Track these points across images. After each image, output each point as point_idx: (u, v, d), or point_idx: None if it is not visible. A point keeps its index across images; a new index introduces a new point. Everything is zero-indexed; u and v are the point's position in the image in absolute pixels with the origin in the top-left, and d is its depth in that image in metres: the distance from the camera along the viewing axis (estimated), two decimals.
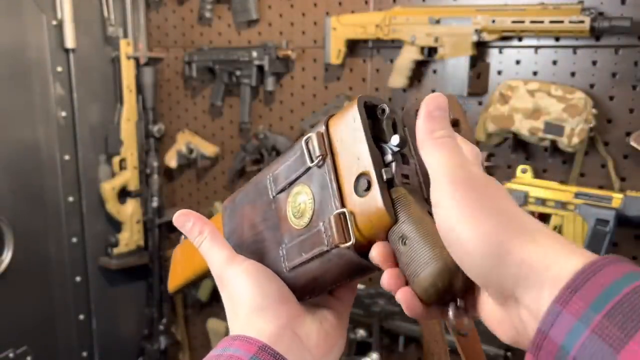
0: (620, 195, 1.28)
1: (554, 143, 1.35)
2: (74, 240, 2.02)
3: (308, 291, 0.47)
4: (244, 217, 0.50)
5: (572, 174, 1.38)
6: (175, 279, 0.61)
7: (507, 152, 1.45)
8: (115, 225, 2.13)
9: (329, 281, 0.45)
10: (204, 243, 0.49)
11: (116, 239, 2.11)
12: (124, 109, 2.04)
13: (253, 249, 0.49)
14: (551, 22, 1.29)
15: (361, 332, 1.72)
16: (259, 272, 0.46)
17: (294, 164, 0.46)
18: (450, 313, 0.38)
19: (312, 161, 0.44)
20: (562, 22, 1.28)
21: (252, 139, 1.89)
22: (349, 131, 0.42)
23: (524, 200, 1.40)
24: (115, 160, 2.05)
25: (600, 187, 1.35)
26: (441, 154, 0.37)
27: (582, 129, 1.29)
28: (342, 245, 0.41)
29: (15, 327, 1.85)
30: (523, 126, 1.36)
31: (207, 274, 0.56)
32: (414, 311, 0.39)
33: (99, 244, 2.10)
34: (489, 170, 1.51)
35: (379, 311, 1.66)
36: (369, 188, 0.40)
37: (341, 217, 0.41)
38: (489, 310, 0.37)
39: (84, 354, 2.11)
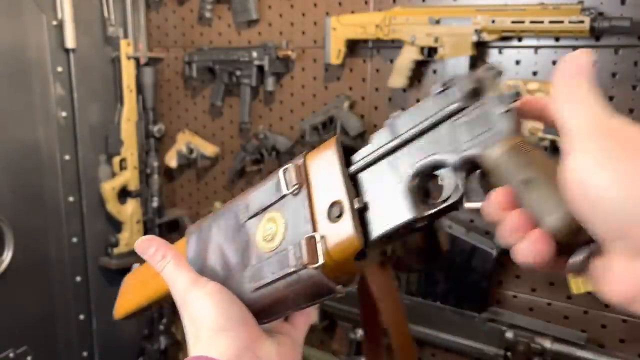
0: None
1: (553, 143, 1.35)
2: (74, 240, 2.02)
3: (269, 313, 0.48)
4: (210, 243, 0.51)
5: None
6: (124, 305, 0.61)
7: None
8: (116, 225, 2.13)
9: (292, 303, 0.46)
10: (167, 267, 0.50)
11: (116, 238, 2.11)
12: (124, 109, 2.04)
13: (217, 272, 0.50)
14: (551, 22, 1.29)
15: (361, 332, 1.72)
16: (222, 294, 0.47)
17: (269, 192, 0.48)
18: (582, 256, 0.37)
19: (287, 189, 0.47)
20: (562, 22, 1.28)
21: (252, 139, 1.89)
22: (325, 164, 0.46)
23: None
24: (116, 160, 2.05)
25: None
26: (581, 105, 0.36)
27: None
28: (311, 266, 0.43)
29: (15, 327, 1.86)
30: (522, 126, 1.35)
31: (160, 301, 0.57)
32: (542, 256, 0.37)
33: (99, 243, 2.10)
34: None
35: None
36: (340, 215, 0.43)
37: (312, 239, 0.43)
38: (605, 265, 0.36)
39: (84, 353, 2.11)
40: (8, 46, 1.75)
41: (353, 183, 0.45)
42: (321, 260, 0.43)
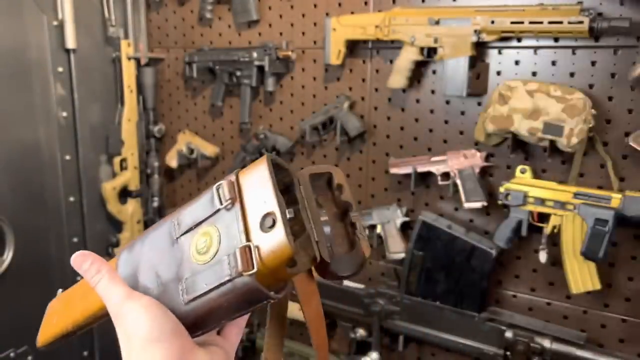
0: (619, 195, 1.29)
1: (553, 143, 1.35)
2: (75, 240, 2.03)
3: (202, 325, 0.50)
4: (141, 261, 0.52)
5: (571, 174, 1.38)
6: (48, 331, 0.60)
7: (506, 153, 1.46)
8: (116, 225, 2.13)
9: (226, 312, 0.48)
10: (101, 282, 0.51)
11: (117, 238, 2.11)
12: (125, 109, 2.04)
13: (149, 288, 0.51)
14: (550, 22, 1.30)
15: (361, 332, 1.72)
16: (156, 307, 0.48)
17: (202, 207, 0.50)
18: None
19: (221, 204, 0.48)
20: (561, 22, 1.28)
21: (252, 139, 1.89)
22: (257, 179, 0.48)
23: (523, 200, 1.40)
24: (116, 160, 2.06)
25: (600, 187, 1.36)
26: None
27: (581, 129, 1.30)
28: (246, 274, 0.45)
29: (16, 327, 1.86)
30: (522, 126, 1.36)
31: (86, 324, 0.57)
32: None
33: (99, 243, 2.10)
34: (488, 171, 1.51)
35: (379, 311, 1.66)
36: (273, 225, 0.45)
37: (246, 249, 0.45)
38: None
39: (85, 353, 2.11)
40: (9, 46, 1.76)
41: (286, 195, 0.48)
42: (255, 268, 0.45)
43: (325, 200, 0.55)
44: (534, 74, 1.42)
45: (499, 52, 1.46)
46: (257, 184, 0.48)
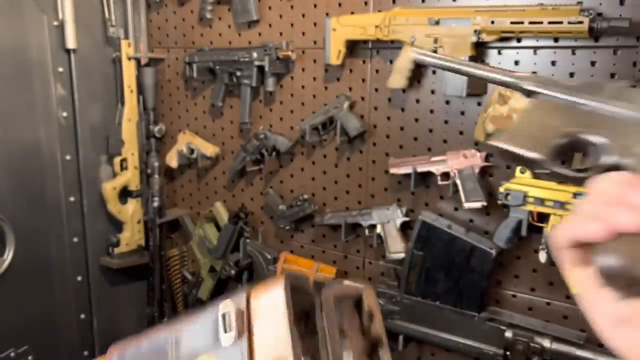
0: None
1: None
2: (75, 239, 2.03)
3: None
4: None
5: None
6: None
7: None
8: (116, 225, 2.13)
9: None
10: None
11: (117, 238, 2.11)
12: (125, 109, 2.04)
13: None
14: (550, 22, 1.29)
15: None
16: None
17: (204, 332, 0.44)
18: None
19: (226, 337, 0.43)
20: (561, 22, 1.28)
21: (253, 139, 1.89)
22: (271, 310, 0.41)
23: (522, 200, 1.40)
24: (116, 160, 2.06)
25: None
26: None
27: None
28: None
29: (16, 326, 1.86)
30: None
31: None
32: None
33: (100, 243, 2.11)
34: (488, 171, 1.51)
35: None
36: None
37: None
38: None
39: (85, 353, 2.11)
40: (9, 47, 1.76)
41: (304, 320, 0.42)
42: None
43: (351, 326, 0.47)
44: (533, 74, 1.42)
45: (499, 53, 1.46)
46: (270, 316, 0.41)
